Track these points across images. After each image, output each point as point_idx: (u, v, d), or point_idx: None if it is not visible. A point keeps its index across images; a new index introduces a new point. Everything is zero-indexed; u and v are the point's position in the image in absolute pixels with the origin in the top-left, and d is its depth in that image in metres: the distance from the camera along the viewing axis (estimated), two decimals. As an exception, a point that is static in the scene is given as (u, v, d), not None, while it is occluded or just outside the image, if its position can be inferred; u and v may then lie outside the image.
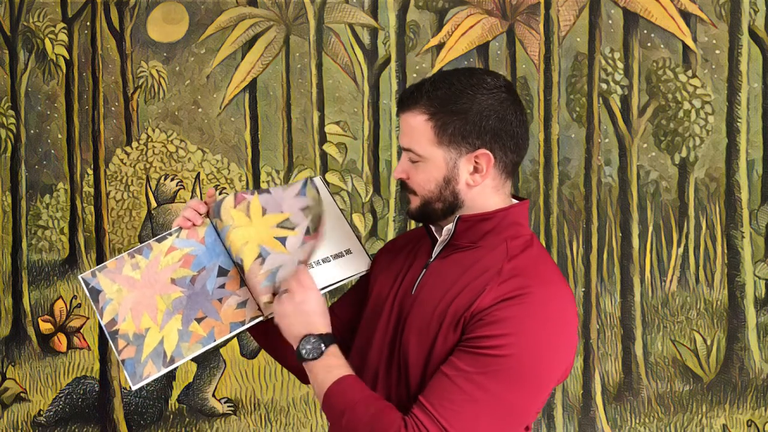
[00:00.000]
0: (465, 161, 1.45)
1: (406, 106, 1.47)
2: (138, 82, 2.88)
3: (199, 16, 2.85)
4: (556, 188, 2.72)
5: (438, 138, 1.44)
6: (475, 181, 1.46)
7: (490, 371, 1.33)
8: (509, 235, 1.46)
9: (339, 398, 1.41)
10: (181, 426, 2.89)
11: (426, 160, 1.46)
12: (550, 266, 1.48)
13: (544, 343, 1.37)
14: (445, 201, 1.47)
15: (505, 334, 1.34)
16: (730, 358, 2.70)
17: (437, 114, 1.44)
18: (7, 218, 2.96)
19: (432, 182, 1.47)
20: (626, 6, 2.69)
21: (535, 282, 1.39)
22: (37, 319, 2.95)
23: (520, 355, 1.34)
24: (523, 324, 1.35)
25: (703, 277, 2.70)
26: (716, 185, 2.69)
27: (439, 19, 2.77)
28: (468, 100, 1.43)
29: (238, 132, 2.85)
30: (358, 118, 2.80)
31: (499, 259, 1.43)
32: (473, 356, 1.35)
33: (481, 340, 1.35)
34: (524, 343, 1.35)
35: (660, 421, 2.72)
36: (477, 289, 1.40)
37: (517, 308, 1.36)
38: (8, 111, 2.94)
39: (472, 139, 1.44)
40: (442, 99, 1.44)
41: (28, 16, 2.92)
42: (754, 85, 2.66)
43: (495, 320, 1.35)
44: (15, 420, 2.97)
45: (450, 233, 1.49)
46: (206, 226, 1.63)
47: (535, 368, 1.36)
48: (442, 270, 1.48)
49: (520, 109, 1.47)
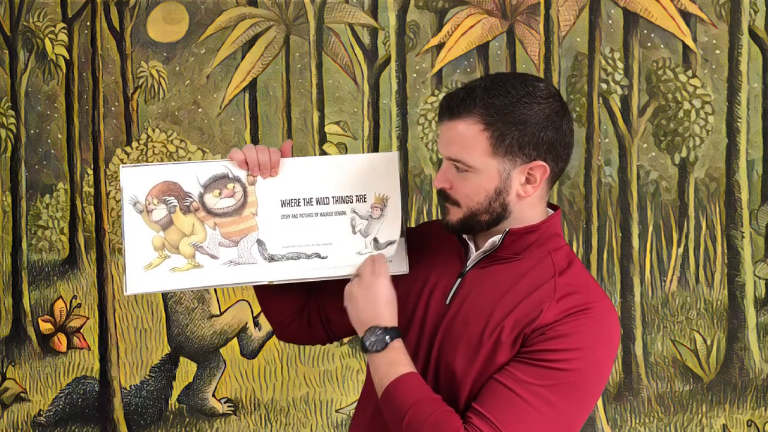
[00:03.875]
0: (518, 172, 1.41)
1: (456, 114, 1.40)
2: (138, 82, 2.88)
3: (199, 16, 2.85)
4: (556, 188, 2.72)
5: (493, 149, 1.39)
6: (526, 192, 1.42)
7: (553, 384, 1.32)
8: (551, 248, 1.45)
9: (402, 395, 1.38)
10: (181, 426, 2.89)
11: (477, 171, 1.40)
12: (593, 280, 1.48)
13: (606, 358, 1.38)
14: (493, 213, 1.43)
15: (570, 349, 1.33)
16: (730, 358, 2.70)
17: (495, 124, 1.38)
18: (7, 218, 2.96)
19: (482, 194, 1.41)
20: (626, 6, 2.69)
21: (593, 298, 1.39)
22: (37, 319, 2.95)
23: (586, 370, 1.34)
24: (588, 340, 1.35)
25: (703, 277, 2.70)
26: (716, 185, 2.69)
27: (439, 19, 2.77)
28: (526, 109, 1.38)
29: (238, 132, 2.85)
30: (358, 118, 2.80)
31: (548, 273, 1.42)
32: (536, 369, 1.33)
33: (545, 353, 1.33)
34: (589, 359, 1.34)
35: (660, 421, 2.72)
36: (533, 305, 1.38)
37: (581, 323, 1.35)
38: (8, 111, 2.94)
39: (529, 150, 1.39)
40: (499, 108, 1.38)
41: (28, 16, 2.92)
42: (754, 85, 2.66)
43: (560, 335, 1.34)
44: (15, 420, 2.97)
45: (495, 246, 1.45)
46: None
47: (597, 383, 1.37)
48: (484, 282, 1.44)
49: (570, 118, 1.45)
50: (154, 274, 1.56)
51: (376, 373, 1.43)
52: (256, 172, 1.57)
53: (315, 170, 1.60)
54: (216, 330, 2.88)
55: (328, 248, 1.59)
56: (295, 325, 1.70)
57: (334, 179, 1.60)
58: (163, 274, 1.56)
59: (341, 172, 1.60)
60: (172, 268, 1.56)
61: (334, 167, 1.61)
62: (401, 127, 2.78)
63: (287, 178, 1.59)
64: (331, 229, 1.59)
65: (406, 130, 2.79)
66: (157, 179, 1.57)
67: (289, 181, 1.59)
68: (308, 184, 1.60)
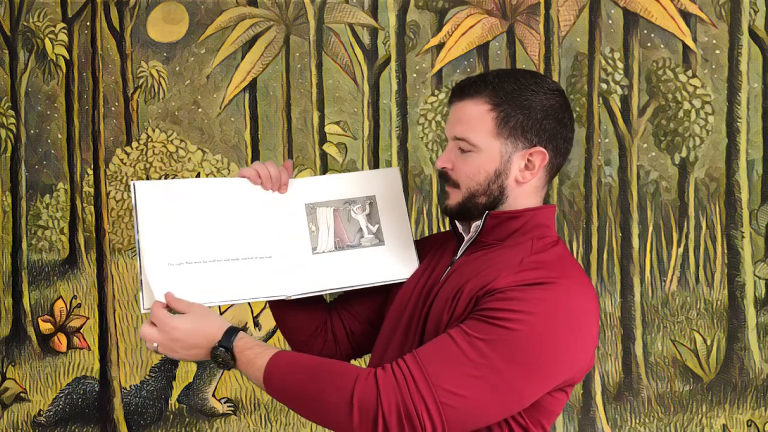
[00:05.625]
0: (519, 156, 1.45)
1: (466, 94, 1.46)
2: (138, 82, 2.88)
3: (199, 16, 2.85)
4: (556, 188, 2.72)
5: (498, 129, 1.43)
6: (524, 178, 1.45)
7: (492, 340, 1.30)
8: (535, 235, 1.46)
9: (286, 375, 1.36)
10: (181, 426, 2.89)
11: (480, 150, 1.44)
12: (575, 265, 1.47)
13: (557, 334, 1.34)
14: (490, 195, 1.46)
15: (518, 311, 1.32)
16: (730, 358, 2.70)
17: (501, 105, 1.43)
18: (7, 218, 2.96)
19: (482, 174, 1.45)
20: (626, 6, 2.69)
21: (559, 275, 1.38)
22: (37, 319, 2.95)
23: (528, 335, 1.31)
24: (540, 308, 1.33)
25: (703, 277, 2.70)
26: (716, 185, 2.69)
27: (439, 19, 2.77)
28: (533, 96, 1.43)
29: (238, 132, 2.85)
30: (358, 118, 2.80)
31: (522, 253, 1.42)
32: (480, 323, 1.32)
33: (491, 312, 1.33)
34: (535, 326, 1.32)
35: (660, 421, 2.72)
36: (494, 273, 1.38)
37: (539, 293, 1.34)
38: (8, 111, 2.94)
39: (531, 135, 1.44)
40: (507, 91, 1.43)
41: (28, 16, 2.92)
42: (754, 85, 2.66)
43: (509, 297, 1.33)
44: (15, 420, 2.97)
45: (478, 230, 1.47)
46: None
47: (541, 354, 1.33)
48: (467, 265, 1.46)
49: (572, 116, 1.50)
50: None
51: (250, 377, 1.40)
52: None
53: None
54: (216, 330, 2.87)
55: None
56: (320, 341, 1.68)
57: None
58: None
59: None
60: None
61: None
62: (401, 127, 2.79)
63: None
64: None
65: (406, 130, 2.79)
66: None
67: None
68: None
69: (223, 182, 1.61)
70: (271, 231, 1.57)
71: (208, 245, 1.54)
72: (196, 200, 1.56)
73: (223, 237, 1.55)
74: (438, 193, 2.77)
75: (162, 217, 1.53)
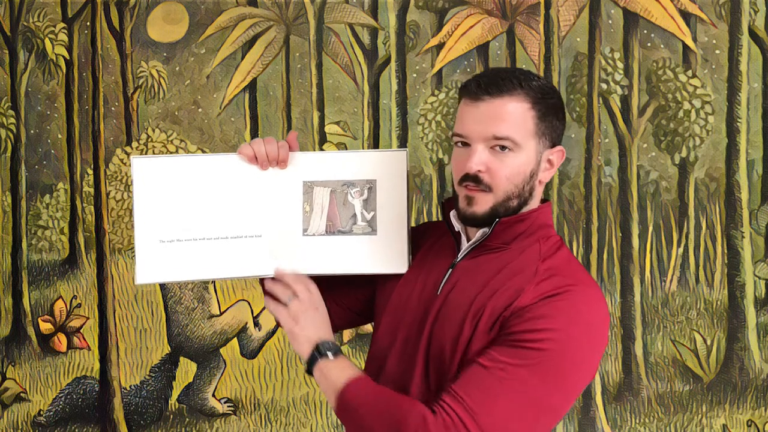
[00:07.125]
0: (545, 156, 1.43)
1: (505, 91, 1.38)
2: (138, 82, 2.88)
3: (199, 16, 2.85)
4: (556, 188, 2.72)
5: (536, 128, 1.39)
6: (545, 178, 1.44)
7: (528, 364, 1.30)
8: (540, 236, 1.44)
9: (363, 393, 1.38)
10: (181, 426, 2.89)
11: (521, 150, 1.39)
12: (580, 266, 1.47)
13: (584, 343, 1.34)
14: (521, 197, 1.42)
15: (546, 329, 1.31)
16: (730, 358, 2.70)
17: (540, 103, 1.39)
18: (7, 218, 2.96)
19: (520, 176, 1.40)
20: (626, 6, 2.69)
21: (574, 282, 1.38)
22: (37, 319, 2.95)
23: (561, 352, 1.31)
24: (562, 322, 1.33)
25: (703, 277, 2.70)
26: (716, 185, 2.69)
27: (439, 19, 2.77)
28: (553, 94, 1.42)
29: (238, 132, 2.85)
30: (358, 118, 2.80)
31: (533, 259, 1.41)
32: (512, 349, 1.31)
33: (520, 334, 1.32)
34: (563, 340, 1.32)
35: (660, 421, 2.72)
36: (514, 289, 1.37)
37: (560, 304, 1.34)
38: (8, 111, 2.94)
39: (556, 134, 1.43)
40: (539, 90, 1.40)
41: (28, 16, 2.92)
42: (754, 85, 2.66)
43: (537, 315, 1.33)
44: (15, 420, 2.97)
45: (485, 236, 1.44)
46: None
47: (574, 368, 1.34)
48: (472, 272, 1.44)
49: None
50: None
51: (328, 377, 1.42)
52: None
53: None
54: (216, 330, 2.88)
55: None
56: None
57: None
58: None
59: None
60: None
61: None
62: (401, 127, 2.78)
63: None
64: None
65: (406, 130, 2.79)
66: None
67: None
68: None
69: (222, 158, 1.60)
70: (264, 209, 1.58)
71: (200, 223, 1.57)
72: (192, 177, 1.58)
73: (216, 215, 1.57)
74: (438, 194, 2.77)
75: (158, 193, 1.57)
